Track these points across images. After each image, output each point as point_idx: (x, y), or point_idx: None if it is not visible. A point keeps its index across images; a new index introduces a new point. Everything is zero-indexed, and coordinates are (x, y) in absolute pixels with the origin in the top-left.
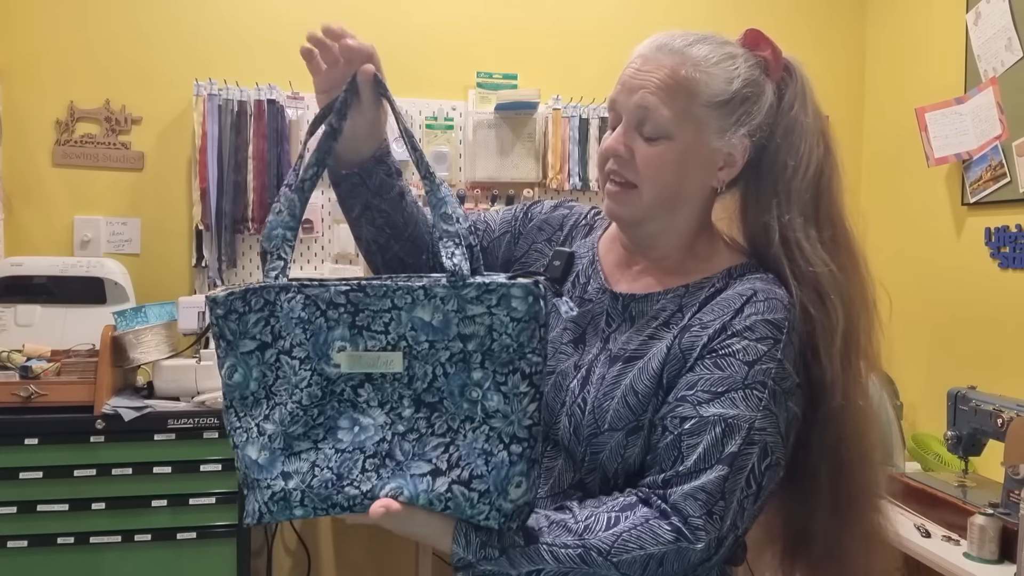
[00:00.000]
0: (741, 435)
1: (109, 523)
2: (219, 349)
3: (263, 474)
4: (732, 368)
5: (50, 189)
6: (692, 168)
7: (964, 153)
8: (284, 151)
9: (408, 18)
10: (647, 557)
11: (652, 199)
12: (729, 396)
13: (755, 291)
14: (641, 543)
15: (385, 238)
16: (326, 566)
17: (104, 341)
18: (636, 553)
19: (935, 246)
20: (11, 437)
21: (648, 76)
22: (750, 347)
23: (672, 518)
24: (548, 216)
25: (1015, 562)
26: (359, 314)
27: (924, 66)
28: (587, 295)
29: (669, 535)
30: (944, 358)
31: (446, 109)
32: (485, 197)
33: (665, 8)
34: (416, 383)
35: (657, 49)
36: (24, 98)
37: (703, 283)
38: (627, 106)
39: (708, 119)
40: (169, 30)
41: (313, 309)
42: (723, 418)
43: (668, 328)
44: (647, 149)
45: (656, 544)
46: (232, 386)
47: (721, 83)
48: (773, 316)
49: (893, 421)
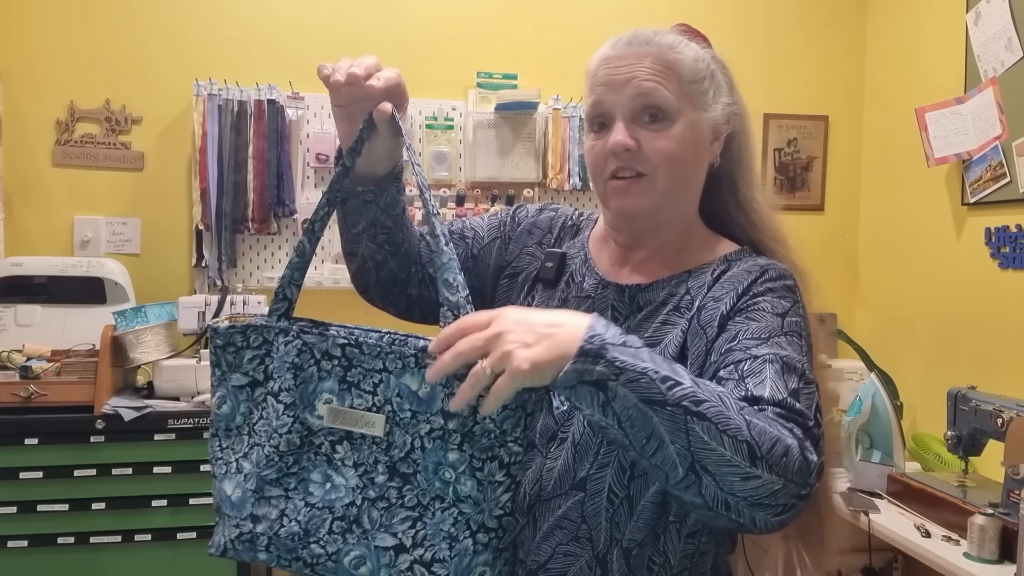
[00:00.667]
0: (798, 373)
1: (109, 523)
2: (213, 377)
3: (234, 511)
4: (767, 319)
5: (50, 189)
6: (697, 144)
7: (964, 153)
8: (284, 151)
9: (408, 18)
10: (777, 436)
11: (667, 183)
12: (775, 340)
13: (761, 266)
14: (768, 423)
15: (384, 255)
16: None
17: (104, 341)
18: (767, 426)
19: (935, 246)
20: (11, 437)
21: (633, 67)
22: (776, 303)
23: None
24: (536, 219)
25: (1015, 562)
26: (351, 369)
27: (924, 66)
28: (584, 292)
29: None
30: (944, 358)
31: (446, 109)
32: (485, 197)
33: (664, 9)
34: (394, 450)
35: (627, 44)
36: (24, 98)
37: (704, 268)
38: (620, 102)
39: (695, 95)
40: (169, 30)
41: (308, 356)
42: (778, 356)
43: (680, 313)
44: (652, 135)
45: (785, 432)
46: (220, 416)
47: (692, 61)
48: (785, 282)
49: (893, 421)
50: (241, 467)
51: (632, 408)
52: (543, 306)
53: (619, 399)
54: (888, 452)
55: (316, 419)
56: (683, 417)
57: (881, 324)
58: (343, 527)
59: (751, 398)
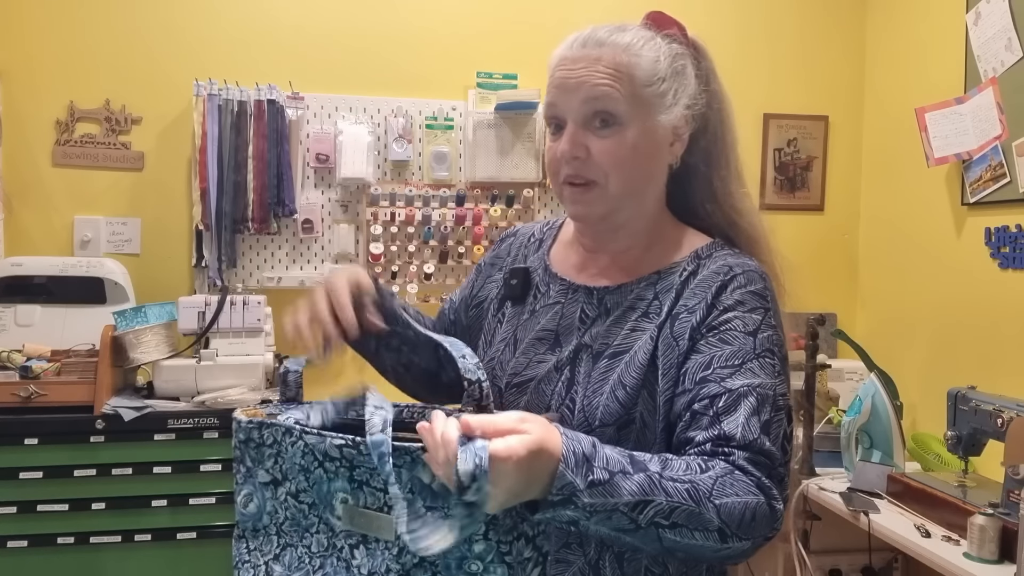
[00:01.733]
0: (770, 403)
1: (109, 523)
2: (238, 474)
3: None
4: (739, 341)
5: (50, 189)
6: (648, 150)
7: (964, 153)
8: (284, 151)
9: (408, 18)
10: (744, 506)
11: (618, 190)
12: (748, 367)
13: (729, 267)
14: (736, 491)
15: (406, 356)
16: None
17: (104, 341)
18: (735, 499)
19: (935, 246)
20: (11, 437)
21: (585, 71)
22: (746, 318)
23: (749, 475)
24: (497, 251)
25: (1015, 562)
26: (355, 469)
27: (924, 66)
28: (552, 299)
29: (756, 489)
30: (944, 358)
31: (446, 109)
32: (485, 197)
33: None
34: (405, 556)
35: (582, 46)
36: (24, 98)
37: (673, 267)
38: (572, 106)
39: (651, 98)
40: (169, 30)
41: (311, 458)
42: (752, 388)
43: (648, 318)
44: (603, 142)
45: (748, 495)
46: (246, 516)
47: (651, 63)
48: (754, 287)
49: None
50: (271, 570)
51: (605, 533)
52: (513, 321)
53: (591, 529)
54: (888, 452)
55: (336, 519)
56: (654, 532)
57: (881, 324)
58: None
59: (724, 437)
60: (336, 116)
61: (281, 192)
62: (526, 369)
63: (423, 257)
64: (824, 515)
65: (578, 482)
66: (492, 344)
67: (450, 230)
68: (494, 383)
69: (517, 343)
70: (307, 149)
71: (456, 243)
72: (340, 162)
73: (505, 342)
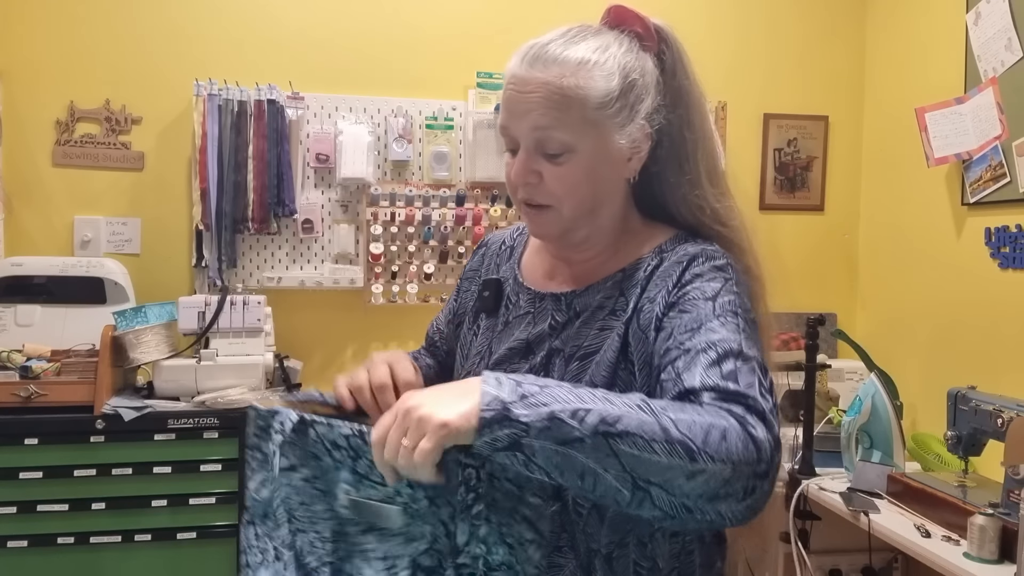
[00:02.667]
0: (734, 355)
1: (109, 523)
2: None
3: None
4: (697, 308)
5: (50, 189)
6: (603, 171)
7: (964, 153)
8: (284, 151)
9: (408, 19)
10: (708, 424)
11: (573, 212)
12: (707, 327)
13: (688, 253)
14: (696, 411)
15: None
16: None
17: (104, 341)
18: (694, 416)
19: (935, 246)
20: (11, 437)
21: (531, 97)
22: (705, 286)
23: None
24: (471, 264)
25: (1015, 562)
26: (359, 460)
27: (924, 66)
28: (522, 309)
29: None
30: (944, 358)
31: (446, 109)
32: (485, 197)
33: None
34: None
35: (531, 65)
36: (24, 98)
37: (637, 264)
38: (521, 131)
39: (604, 120)
40: (169, 30)
41: (321, 447)
42: (711, 343)
43: (616, 316)
44: (554, 169)
45: (714, 416)
46: (258, 502)
47: (603, 82)
48: (715, 263)
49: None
50: (281, 554)
51: (553, 455)
52: (488, 334)
53: (538, 453)
54: (888, 452)
55: (342, 509)
56: (604, 443)
57: (881, 324)
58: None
59: (685, 391)
60: (336, 116)
61: (281, 192)
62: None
63: (423, 257)
64: (824, 515)
65: (505, 395)
66: (468, 357)
67: (450, 230)
68: None
69: (491, 355)
70: (307, 149)
71: (456, 243)
72: (340, 162)
73: (480, 355)
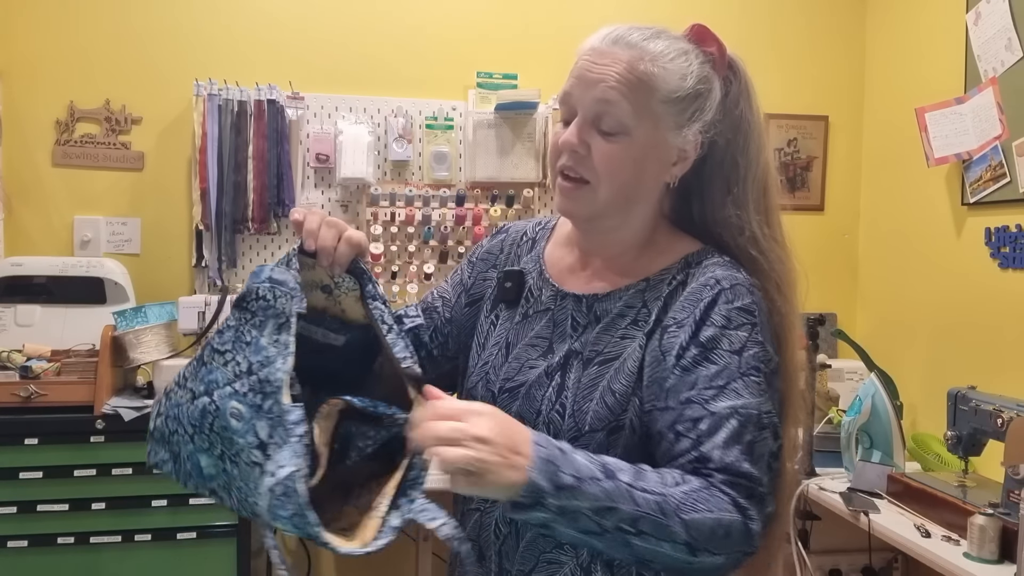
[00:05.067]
0: (753, 423)
1: (109, 523)
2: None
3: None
4: (724, 359)
5: (50, 189)
6: (649, 164)
7: (964, 153)
8: (284, 151)
9: (408, 18)
10: (715, 522)
11: (608, 196)
12: (732, 387)
13: (718, 280)
14: (709, 506)
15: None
16: (326, 566)
17: (104, 341)
18: (706, 515)
19: (935, 246)
20: (11, 437)
21: (606, 70)
22: (733, 336)
23: (728, 493)
24: (488, 247)
25: (1015, 562)
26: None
27: (924, 66)
28: (543, 305)
29: (732, 507)
30: (944, 358)
31: (446, 109)
32: (485, 197)
33: (664, 8)
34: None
35: (614, 42)
36: (24, 98)
37: (663, 275)
38: (584, 100)
39: (665, 115)
40: (169, 30)
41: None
42: (735, 409)
43: (637, 326)
44: (605, 145)
45: (722, 511)
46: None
47: (677, 79)
48: (742, 303)
49: (893, 421)
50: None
51: (570, 535)
52: (507, 325)
53: (559, 531)
54: (888, 452)
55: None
56: (621, 537)
57: (881, 324)
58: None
59: (703, 459)
60: (336, 116)
61: (281, 192)
62: (517, 374)
63: (423, 257)
64: (824, 515)
65: (545, 485)
66: (485, 348)
67: (450, 230)
68: (487, 387)
69: (509, 348)
70: (307, 149)
71: (456, 243)
72: (340, 162)
73: (498, 347)
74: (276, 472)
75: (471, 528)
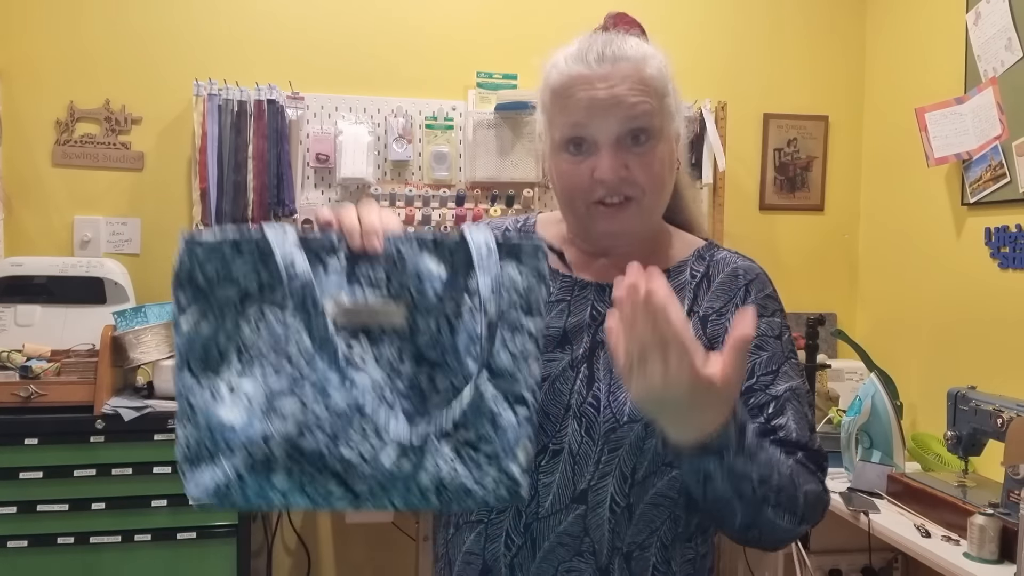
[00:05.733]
0: (804, 400)
1: (109, 523)
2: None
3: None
4: (770, 346)
5: (50, 189)
6: (672, 160)
7: (964, 153)
8: (284, 151)
9: (408, 18)
10: (816, 495)
11: (652, 202)
12: (783, 371)
13: (744, 271)
14: (807, 480)
15: None
16: (326, 566)
17: (104, 341)
18: (811, 487)
19: (935, 246)
20: (11, 437)
21: (616, 88)
22: (772, 322)
23: (809, 466)
24: None
25: (1015, 562)
26: (359, 262)
27: (924, 66)
28: (554, 296)
29: (817, 480)
30: (944, 358)
31: (446, 109)
32: (485, 197)
33: (665, 8)
34: (418, 337)
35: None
36: (24, 98)
37: (680, 266)
38: (606, 127)
39: (667, 109)
40: (169, 30)
41: (310, 255)
42: (792, 391)
43: None
44: (640, 158)
45: (815, 484)
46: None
47: (666, 72)
48: (769, 290)
49: (893, 421)
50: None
51: (724, 490)
52: None
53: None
54: (888, 452)
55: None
56: (761, 505)
57: (881, 324)
58: (373, 424)
59: (780, 441)
60: (336, 116)
61: (281, 192)
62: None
63: None
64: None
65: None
66: None
67: (450, 230)
68: None
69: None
70: (307, 149)
71: None
72: (340, 162)
73: None
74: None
75: (473, 541)
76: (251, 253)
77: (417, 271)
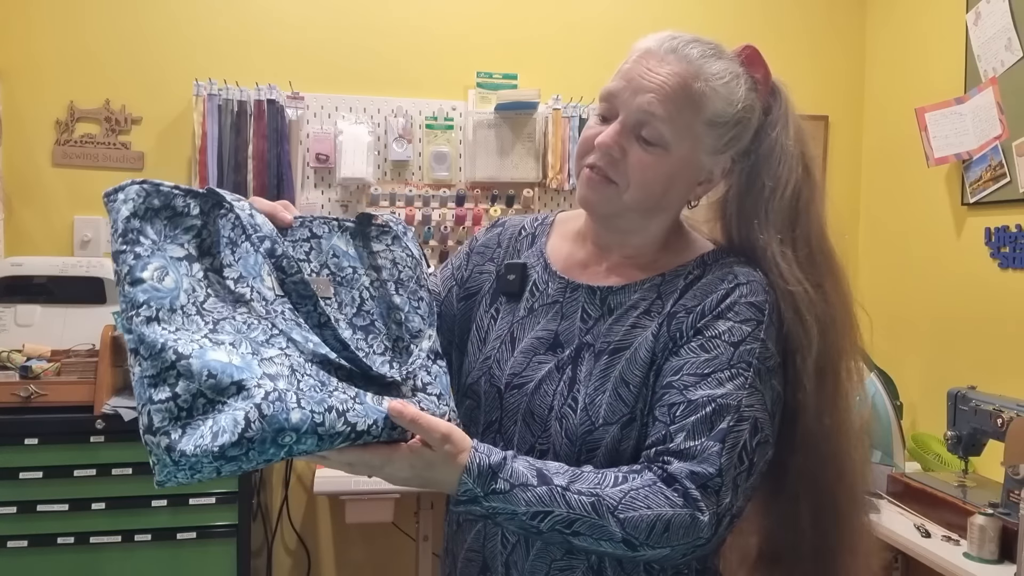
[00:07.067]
0: (730, 413)
1: (109, 523)
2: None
3: (246, 375)
4: (718, 350)
5: (50, 189)
6: (678, 181)
7: (964, 153)
8: (284, 151)
9: (408, 18)
10: (655, 518)
11: (633, 202)
12: (716, 376)
13: (735, 274)
14: (648, 503)
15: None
16: (326, 566)
17: (104, 341)
18: (644, 512)
19: (935, 246)
20: (11, 437)
21: (657, 79)
22: (735, 328)
23: (675, 485)
24: (484, 240)
25: (1015, 562)
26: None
27: (924, 66)
28: (551, 298)
29: (677, 499)
30: (944, 358)
31: (446, 109)
32: (485, 197)
33: (664, 8)
34: (345, 308)
35: (672, 51)
36: (24, 98)
37: (679, 271)
38: (629, 105)
39: (706, 136)
40: (169, 30)
41: (240, 232)
42: (711, 399)
43: (650, 316)
44: (642, 154)
45: (664, 506)
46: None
47: (724, 103)
48: (755, 298)
49: (893, 421)
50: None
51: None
52: (508, 319)
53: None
54: (888, 452)
55: (268, 290)
56: (560, 537)
57: (881, 324)
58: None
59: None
60: (336, 116)
61: (281, 192)
62: (526, 370)
63: None
64: None
65: (478, 490)
66: (487, 342)
67: (450, 230)
68: (491, 383)
69: (515, 342)
70: (307, 149)
71: (456, 243)
72: (340, 162)
73: (501, 340)
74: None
75: (473, 539)
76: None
77: (332, 250)
